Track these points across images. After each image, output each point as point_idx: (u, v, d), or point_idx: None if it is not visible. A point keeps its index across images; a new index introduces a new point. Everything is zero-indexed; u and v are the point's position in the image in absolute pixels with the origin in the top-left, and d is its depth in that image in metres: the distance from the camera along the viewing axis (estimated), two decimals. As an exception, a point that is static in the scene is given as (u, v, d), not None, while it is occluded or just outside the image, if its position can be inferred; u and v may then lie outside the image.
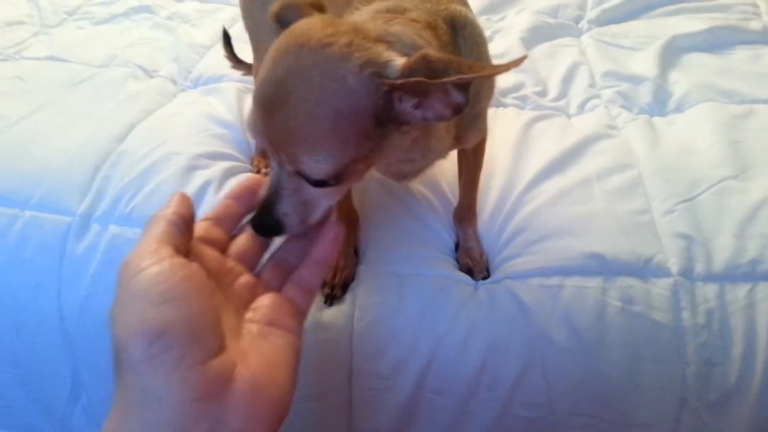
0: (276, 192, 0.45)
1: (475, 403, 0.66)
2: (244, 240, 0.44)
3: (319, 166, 0.43)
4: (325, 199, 0.46)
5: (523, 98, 0.92)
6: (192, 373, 0.33)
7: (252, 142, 0.88)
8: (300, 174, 0.44)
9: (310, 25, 0.44)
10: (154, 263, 0.35)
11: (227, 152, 0.83)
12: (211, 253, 0.42)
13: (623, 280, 0.65)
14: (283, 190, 0.45)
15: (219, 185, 0.76)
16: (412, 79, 0.40)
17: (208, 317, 0.35)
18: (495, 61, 0.98)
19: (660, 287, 0.64)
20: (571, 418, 0.65)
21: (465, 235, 0.71)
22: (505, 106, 0.91)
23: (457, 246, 0.71)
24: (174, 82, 1.01)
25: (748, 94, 0.90)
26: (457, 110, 0.43)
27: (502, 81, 0.94)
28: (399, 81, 0.41)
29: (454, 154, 0.74)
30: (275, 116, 0.42)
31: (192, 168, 0.78)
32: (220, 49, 1.07)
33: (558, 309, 0.64)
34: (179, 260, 0.36)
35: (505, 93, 0.93)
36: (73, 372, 0.75)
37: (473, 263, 0.69)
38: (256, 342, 0.38)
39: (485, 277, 0.68)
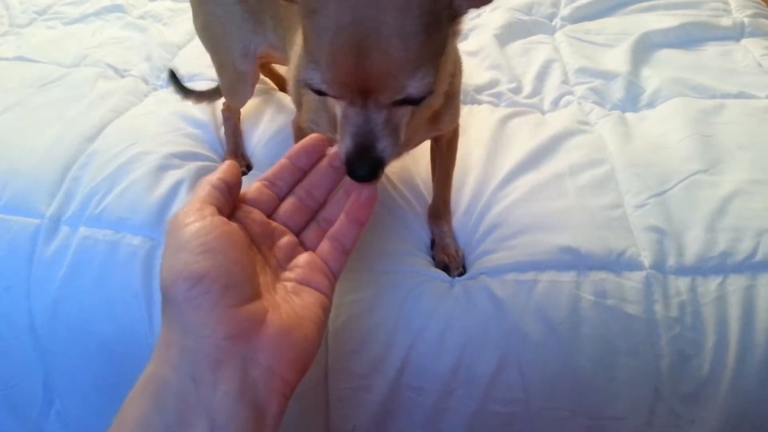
0: (368, 132, 0.46)
1: (452, 399, 0.66)
2: (290, 203, 0.48)
3: (424, 81, 0.44)
4: (407, 117, 0.48)
5: (498, 95, 0.92)
6: (227, 313, 0.38)
7: (223, 140, 0.87)
8: (403, 100, 0.45)
9: None
10: (197, 220, 0.41)
11: (199, 152, 0.82)
12: (256, 215, 0.46)
13: (596, 274, 0.65)
14: (376, 126, 0.46)
15: (191, 185, 0.75)
16: None
17: (242, 268, 0.40)
18: (468, 59, 0.99)
19: (633, 280, 0.65)
20: (547, 412, 0.65)
21: (440, 232, 0.71)
22: (479, 103, 0.91)
23: (432, 243, 0.71)
24: (146, 81, 0.99)
25: (718, 89, 0.91)
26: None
27: (477, 77, 0.95)
28: None
29: (427, 151, 0.74)
30: (370, 56, 0.42)
31: (163, 168, 0.77)
32: (192, 48, 1.07)
33: (532, 304, 0.64)
34: (219, 218, 0.41)
35: (480, 90, 0.93)
36: (45, 376, 0.74)
37: (449, 260, 0.69)
38: (289, 297, 0.43)
39: (461, 274, 0.68)
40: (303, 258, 0.46)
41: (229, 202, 0.45)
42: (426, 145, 0.72)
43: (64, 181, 0.76)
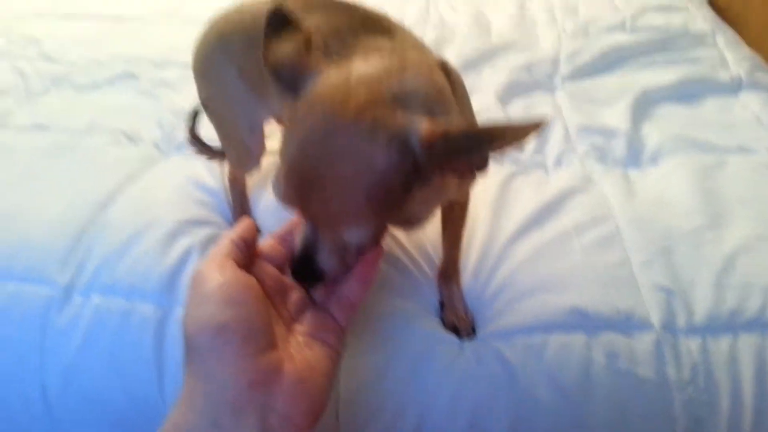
0: (312, 245, 0.49)
1: (464, 466, 0.65)
2: None
3: (358, 234, 0.48)
4: (362, 249, 0.50)
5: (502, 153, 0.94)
6: (248, 362, 0.41)
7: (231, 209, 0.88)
8: (341, 237, 0.48)
9: (329, 94, 0.45)
10: (220, 274, 0.44)
11: (209, 219, 0.84)
12: (270, 270, 0.51)
13: (606, 335, 0.65)
14: (321, 242, 0.48)
15: (201, 251, 0.76)
16: (450, 162, 0.43)
17: (261, 319, 0.44)
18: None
19: (643, 342, 0.64)
20: (561, 479, 0.64)
21: (450, 294, 0.71)
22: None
23: (441, 305, 0.71)
24: (157, 147, 1.02)
25: (719, 145, 0.92)
26: (480, 169, 0.46)
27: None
28: (435, 163, 0.43)
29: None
30: (312, 193, 0.45)
31: (174, 235, 0.78)
32: (203, 115, 1.09)
33: (543, 367, 0.64)
34: (240, 273, 0.46)
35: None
36: (55, 449, 0.74)
37: (459, 322, 0.69)
38: (301, 348, 0.46)
39: (471, 336, 0.68)
40: (312, 313, 0.50)
41: (247, 256, 0.49)
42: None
43: (76, 250, 0.77)
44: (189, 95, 1.14)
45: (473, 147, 0.42)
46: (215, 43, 0.77)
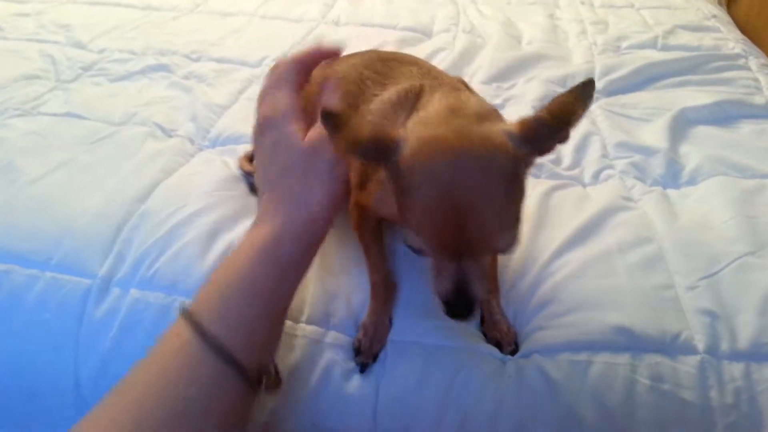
0: (465, 281, 0.52)
1: (503, 482, 0.65)
2: None
3: (511, 238, 0.52)
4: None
5: (539, 167, 0.94)
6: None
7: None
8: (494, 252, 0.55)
9: (437, 145, 0.50)
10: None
11: (247, 213, 0.83)
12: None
13: (652, 357, 0.64)
14: (470, 274, 0.52)
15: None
16: (548, 145, 0.53)
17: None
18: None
19: (688, 365, 0.64)
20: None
21: (490, 308, 0.71)
22: (521, 174, 0.92)
23: (482, 320, 0.71)
24: (192, 141, 1.01)
25: (758, 169, 0.92)
26: (563, 142, 0.54)
27: (519, 150, 0.96)
28: (537, 150, 0.52)
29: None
30: (467, 226, 0.49)
31: (215, 231, 0.78)
32: (237, 110, 1.09)
33: (587, 386, 0.63)
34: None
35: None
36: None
37: (501, 336, 0.68)
38: None
39: (514, 351, 0.67)
40: None
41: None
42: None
43: (116, 242, 0.77)
44: (222, 90, 1.15)
45: (558, 125, 0.51)
46: None
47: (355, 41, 1.31)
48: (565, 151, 0.99)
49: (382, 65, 0.76)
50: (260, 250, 0.56)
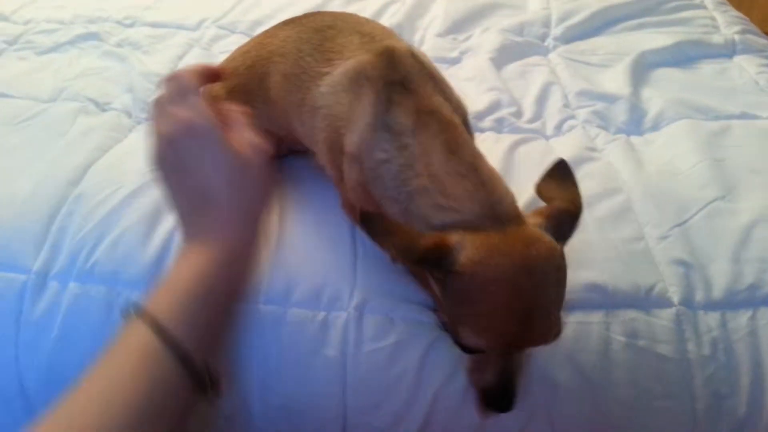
0: (511, 373, 0.54)
1: (480, 452, 0.62)
2: None
3: (561, 326, 0.53)
4: None
5: (500, 121, 0.90)
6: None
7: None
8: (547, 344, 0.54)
9: (499, 251, 0.51)
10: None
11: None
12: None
13: (626, 313, 0.62)
14: (517, 367, 0.54)
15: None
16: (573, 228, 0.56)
17: None
18: (466, 84, 0.97)
19: (663, 319, 0.62)
20: (579, 460, 0.62)
21: None
22: (482, 130, 0.88)
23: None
24: (129, 114, 0.94)
25: (721, 110, 0.90)
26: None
27: (478, 103, 0.92)
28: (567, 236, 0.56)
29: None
30: (536, 324, 0.51)
31: (156, 212, 0.71)
32: (177, 78, 1.02)
33: (561, 348, 0.61)
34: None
35: (482, 116, 0.90)
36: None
37: None
38: None
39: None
40: None
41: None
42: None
43: (49, 232, 0.70)
44: (160, 57, 1.07)
45: (578, 213, 0.56)
46: None
47: (300, -2, 1.23)
48: (526, 103, 0.95)
49: (320, 36, 0.71)
50: (208, 279, 0.54)
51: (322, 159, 0.70)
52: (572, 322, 0.62)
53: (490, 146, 0.84)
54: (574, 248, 0.67)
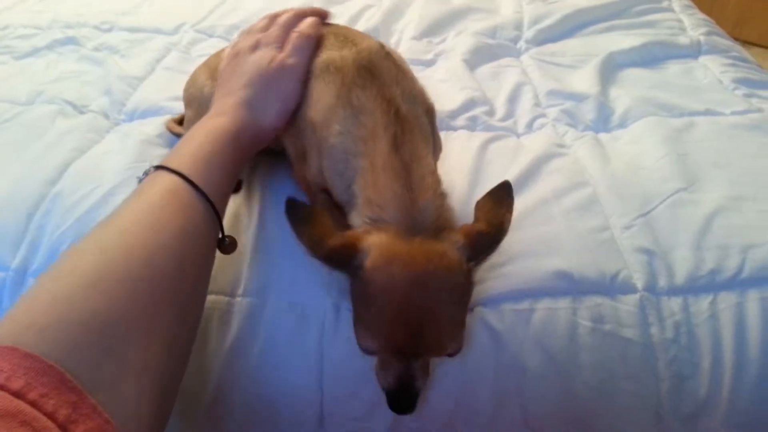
0: (409, 376, 0.55)
1: (453, 436, 0.64)
2: None
3: (460, 341, 0.56)
4: None
5: (473, 119, 0.92)
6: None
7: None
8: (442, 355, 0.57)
9: (399, 259, 0.54)
10: None
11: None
12: None
13: (592, 299, 0.64)
14: (416, 371, 0.56)
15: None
16: (490, 254, 0.58)
17: None
18: (439, 85, 0.99)
19: (627, 304, 0.64)
20: (548, 442, 0.64)
21: None
22: (455, 128, 0.90)
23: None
24: (106, 116, 0.95)
25: (686, 107, 0.93)
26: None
27: (451, 102, 0.94)
28: (482, 260, 0.58)
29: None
30: (424, 335, 0.53)
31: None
32: (155, 81, 1.03)
33: (530, 334, 0.63)
34: None
35: (455, 114, 0.92)
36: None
37: None
38: None
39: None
40: None
41: None
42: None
43: (27, 230, 0.71)
44: (137, 60, 1.08)
45: (497, 236, 0.57)
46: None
47: (277, 0, 1.25)
48: (498, 102, 0.98)
49: None
50: (224, 138, 0.62)
51: (285, 140, 0.73)
52: (540, 308, 0.64)
53: (463, 143, 0.86)
54: (542, 237, 0.70)
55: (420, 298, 0.53)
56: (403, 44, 1.16)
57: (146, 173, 0.59)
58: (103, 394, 0.38)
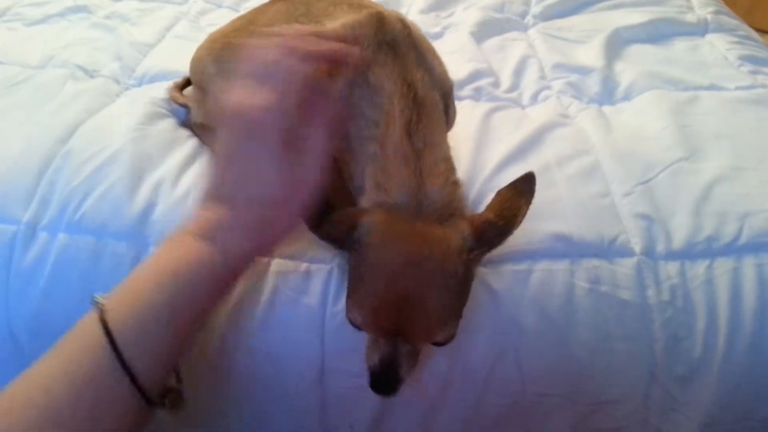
0: (394, 360, 0.54)
1: (450, 394, 0.65)
2: None
3: (450, 332, 0.54)
4: None
5: (478, 90, 0.93)
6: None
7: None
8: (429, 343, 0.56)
9: (396, 237, 0.53)
10: None
11: (175, 150, 0.79)
12: None
13: (589, 262, 0.65)
14: (402, 356, 0.54)
15: (174, 182, 0.72)
16: (498, 244, 0.56)
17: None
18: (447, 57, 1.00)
19: (625, 267, 0.65)
20: (543, 399, 0.65)
21: None
22: (461, 99, 0.91)
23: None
24: (117, 81, 0.96)
25: (691, 82, 0.93)
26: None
27: (458, 72, 0.95)
28: (488, 249, 0.56)
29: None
30: (412, 314, 0.52)
31: (141, 169, 0.73)
32: (165, 47, 1.04)
33: (528, 294, 0.64)
34: None
35: (461, 84, 0.93)
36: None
37: None
38: None
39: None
40: None
41: None
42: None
43: (39, 186, 0.72)
44: (148, 28, 1.09)
45: (507, 227, 0.55)
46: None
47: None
48: (504, 74, 0.98)
49: (309, 7, 0.73)
50: (191, 275, 0.49)
51: None
52: (538, 269, 0.65)
53: (468, 113, 0.87)
54: (544, 201, 0.70)
55: (412, 279, 0.52)
56: (411, 17, 1.16)
57: (92, 303, 0.50)
58: None
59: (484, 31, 1.09)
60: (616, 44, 1.05)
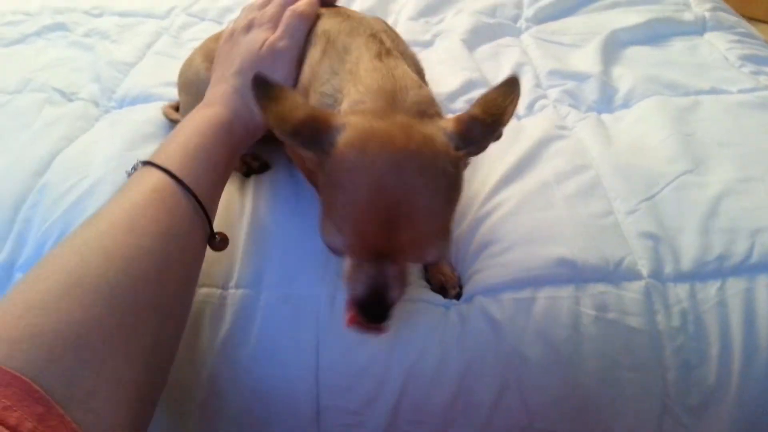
0: (382, 283, 0.49)
1: (453, 430, 0.62)
2: None
3: (441, 249, 0.50)
4: None
5: (472, 101, 0.88)
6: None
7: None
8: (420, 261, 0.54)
9: (377, 140, 0.47)
10: None
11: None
12: None
13: (595, 287, 0.62)
14: (390, 278, 0.49)
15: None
16: (484, 144, 0.52)
17: None
18: (438, 66, 0.96)
19: (632, 291, 0.62)
20: (551, 434, 0.63)
21: None
22: (454, 112, 0.87)
23: (425, 267, 0.67)
24: (96, 104, 0.92)
25: (691, 86, 0.90)
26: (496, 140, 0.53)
27: (451, 84, 0.91)
28: (474, 149, 0.51)
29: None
30: (400, 228, 0.46)
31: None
32: (145, 66, 1.01)
33: (532, 323, 0.61)
34: None
35: (454, 96, 0.90)
36: None
37: (446, 279, 0.65)
38: None
39: (458, 294, 0.64)
40: None
41: None
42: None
43: (14, 223, 0.69)
44: (128, 46, 1.05)
45: (493, 123, 0.51)
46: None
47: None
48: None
49: None
50: (215, 129, 0.61)
51: None
52: (542, 297, 0.62)
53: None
54: (544, 223, 0.68)
55: (397, 183, 0.45)
56: (401, 25, 1.13)
57: (134, 168, 0.57)
58: (77, 406, 0.37)
59: (475, 38, 1.05)
60: (613, 47, 1.01)
